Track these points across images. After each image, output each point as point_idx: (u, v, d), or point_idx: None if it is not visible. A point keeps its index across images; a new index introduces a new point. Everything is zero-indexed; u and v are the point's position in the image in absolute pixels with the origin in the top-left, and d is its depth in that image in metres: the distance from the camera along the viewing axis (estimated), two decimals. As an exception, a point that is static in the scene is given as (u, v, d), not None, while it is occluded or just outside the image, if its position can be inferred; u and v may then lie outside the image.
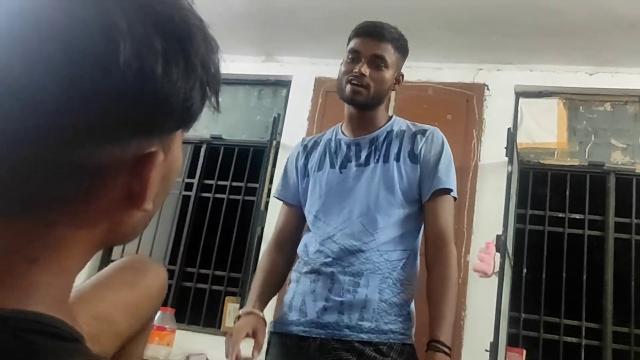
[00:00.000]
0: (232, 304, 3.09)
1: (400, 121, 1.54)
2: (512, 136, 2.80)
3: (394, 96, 3.20)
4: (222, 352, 1.34)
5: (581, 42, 2.91)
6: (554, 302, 2.96)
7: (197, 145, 3.61)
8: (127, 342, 0.76)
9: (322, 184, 1.48)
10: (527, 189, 3.12)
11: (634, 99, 3.09)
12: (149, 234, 3.46)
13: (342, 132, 1.54)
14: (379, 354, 1.30)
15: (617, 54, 2.96)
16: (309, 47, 3.37)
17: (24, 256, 0.40)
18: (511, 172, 2.74)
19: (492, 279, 2.62)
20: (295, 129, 3.31)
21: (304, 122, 3.37)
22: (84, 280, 0.74)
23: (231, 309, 3.07)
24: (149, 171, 0.43)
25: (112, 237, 0.46)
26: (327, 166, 1.50)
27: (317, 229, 1.46)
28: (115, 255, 3.42)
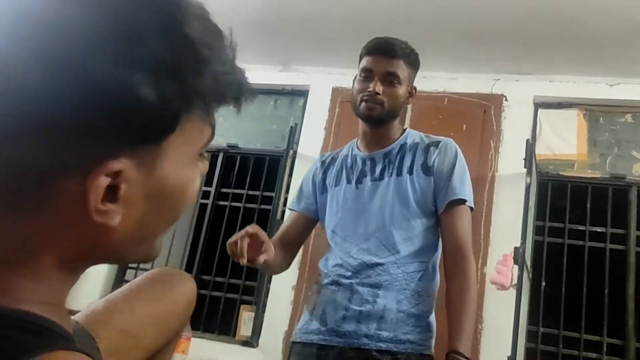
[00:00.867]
0: (247, 312, 3.09)
1: (414, 134, 1.54)
2: (531, 147, 2.77)
3: (410, 107, 3.19)
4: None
5: (602, 53, 2.88)
6: (574, 317, 2.90)
7: (214, 153, 3.63)
8: (153, 356, 0.76)
9: (339, 200, 1.50)
10: (546, 200, 3.07)
11: (657, 111, 3.04)
12: (166, 241, 3.48)
13: (357, 147, 1.56)
14: None
15: (639, 65, 2.92)
16: (326, 57, 3.39)
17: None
18: (530, 183, 2.70)
19: (510, 292, 2.59)
20: (312, 139, 3.32)
21: (320, 132, 3.37)
22: (98, 298, 0.74)
23: (246, 317, 3.07)
24: (114, 185, 0.40)
25: (90, 252, 0.44)
26: (343, 182, 1.52)
27: (335, 244, 1.48)
28: (129, 274, 3.46)
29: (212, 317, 3.25)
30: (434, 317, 1.43)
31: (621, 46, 2.80)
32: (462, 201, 1.42)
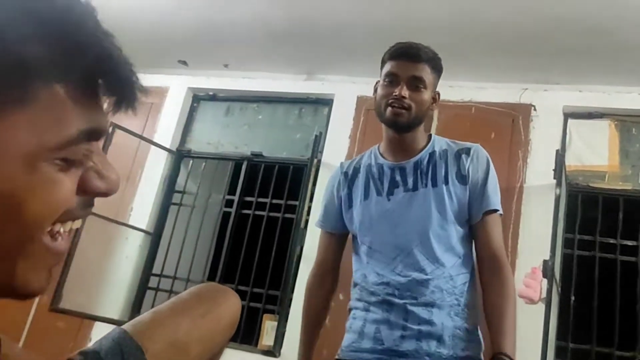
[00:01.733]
0: (270, 322, 3.08)
1: (440, 140, 1.52)
2: (560, 158, 2.71)
3: (436, 115, 3.16)
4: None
5: (633, 63, 2.82)
6: (606, 332, 2.82)
7: (238, 162, 3.65)
8: None
9: (372, 213, 1.46)
10: (576, 212, 3.00)
11: (692, 121, 2.95)
12: (189, 249, 3.51)
13: (381, 155, 1.52)
14: None
15: (673, 74, 2.84)
16: (351, 66, 3.38)
17: None
18: (559, 195, 2.64)
19: (539, 306, 2.52)
20: (336, 148, 3.31)
21: (345, 141, 3.36)
22: (122, 305, 0.73)
23: (269, 327, 3.06)
24: None
25: None
26: (373, 194, 1.48)
27: (374, 259, 1.44)
28: (152, 281, 3.46)
29: (234, 326, 3.25)
30: (479, 329, 1.43)
31: (654, 55, 2.73)
32: (496, 210, 1.42)
